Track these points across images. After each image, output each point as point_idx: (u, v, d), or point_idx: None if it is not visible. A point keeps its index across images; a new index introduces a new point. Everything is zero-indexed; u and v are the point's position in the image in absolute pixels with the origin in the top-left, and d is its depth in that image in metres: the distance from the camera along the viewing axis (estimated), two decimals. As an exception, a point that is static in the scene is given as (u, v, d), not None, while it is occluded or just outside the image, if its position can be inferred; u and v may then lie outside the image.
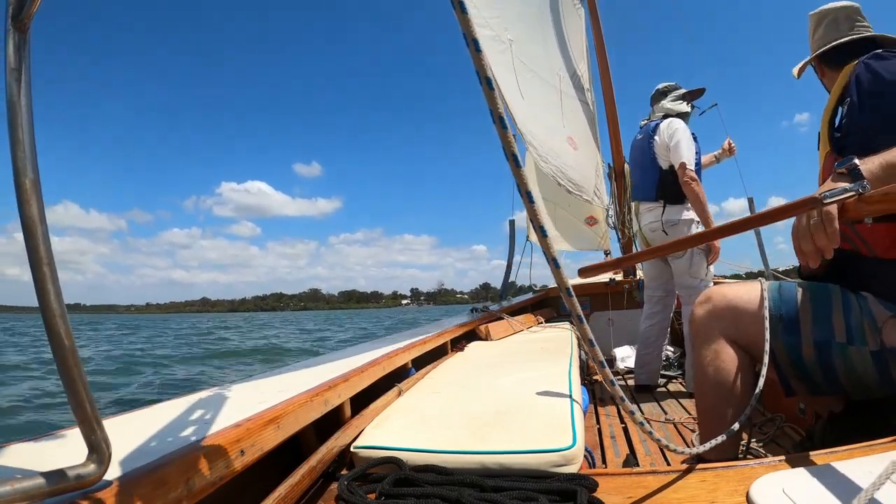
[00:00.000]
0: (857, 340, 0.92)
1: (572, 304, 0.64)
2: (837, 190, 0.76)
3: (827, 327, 0.95)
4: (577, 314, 0.65)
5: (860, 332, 0.92)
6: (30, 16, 0.33)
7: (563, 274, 0.62)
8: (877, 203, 0.74)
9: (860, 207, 0.76)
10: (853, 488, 0.56)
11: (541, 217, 0.59)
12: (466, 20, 0.49)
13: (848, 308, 0.95)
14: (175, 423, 0.63)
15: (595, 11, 3.73)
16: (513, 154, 0.55)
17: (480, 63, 0.51)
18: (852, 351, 0.92)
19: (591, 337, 0.67)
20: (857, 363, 0.92)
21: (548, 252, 0.61)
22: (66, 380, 0.36)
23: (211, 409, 0.70)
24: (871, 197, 0.74)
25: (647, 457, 1.60)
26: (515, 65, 2.36)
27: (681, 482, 0.67)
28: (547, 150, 2.37)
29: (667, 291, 2.63)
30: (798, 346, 0.96)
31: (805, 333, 0.96)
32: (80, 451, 0.39)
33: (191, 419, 0.65)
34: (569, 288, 0.63)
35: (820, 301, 0.98)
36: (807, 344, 0.96)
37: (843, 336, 0.93)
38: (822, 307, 0.97)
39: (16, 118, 0.33)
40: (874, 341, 0.90)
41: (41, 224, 0.34)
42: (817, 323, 0.96)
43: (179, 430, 0.60)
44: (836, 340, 0.93)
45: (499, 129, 0.54)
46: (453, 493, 0.62)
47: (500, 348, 1.84)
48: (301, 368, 1.07)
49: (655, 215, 2.53)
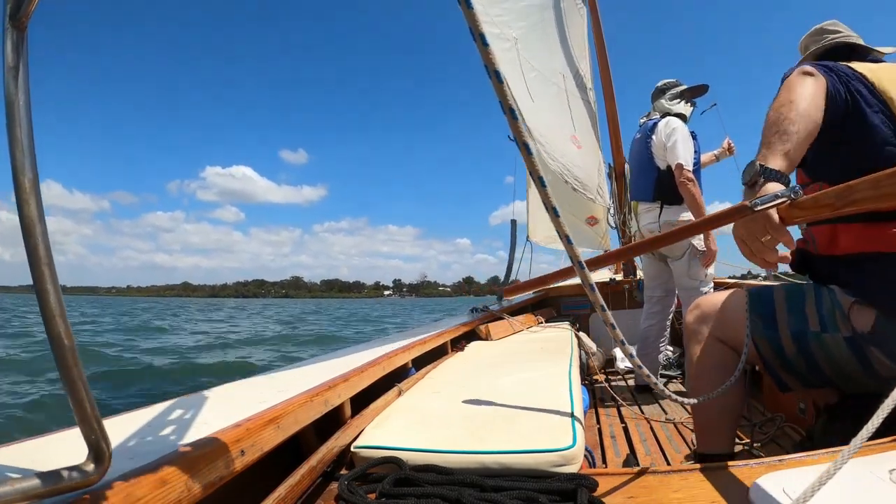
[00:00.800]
0: (829, 328, 0.97)
1: (585, 276, 0.67)
2: (768, 196, 0.78)
3: (801, 318, 1.02)
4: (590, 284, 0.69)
5: (832, 320, 0.97)
6: (27, 14, 0.33)
7: (575, 249, 0.64)
8: (808, 209, 0.78)
9: (792, 213, 0.80)
10: (853, 488, 0.56)
11: (553, 200, 0.61)
12: (472, 15, 0.49)
13: (819, 299, 1.01)
14: (175, 423, 0.63)
15: (596, 10, 3.73)
16: (524, 143, 0.56)
17: (489, 57, 0.51)
18: (827, 338, 0.98)
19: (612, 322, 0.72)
20: (833, 350, 0.97)
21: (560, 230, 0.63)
22: (66, 380, 0.36)
23: (211, 409, 0.70)
24: (803, 203, 0.77)
25: (648, 457, 1.60)
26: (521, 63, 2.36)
27: (681, 482, 0.67)
28: (553, 148, 2.37)
29: (666, 291, 2.63)
30: (778, 339, 1.04)
31: (782, 326, 1.03)
32: (80, 450, 0.39)
33: (191, 419, 0.65)
34: (581, 261, 0.65)
35: (794, 296, 1.06)
36: (785, 336, 1.03)
37: (817, 325, 0.99)
38: (796, 301, 1.04)
39: (14, 117, 0.33)
40: (846, 328, 0.95)
41: (40, 223, 0.34)
42: (792, 315, 1.03)
43: (179, 430, 0.60)
44: (810, 330, 1.00)
45: (510, 120, 0.55)
46: (453, 492, 0.62)
47: (501, 348, 1.84)
48: (301, 368, 1.07)
49: (653, 216, 2.52)
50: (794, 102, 0.90)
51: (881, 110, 0.93)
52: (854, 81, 0.95)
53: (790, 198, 0.78)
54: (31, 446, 0.55)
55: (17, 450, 0.53)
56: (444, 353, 1.72)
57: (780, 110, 0.90)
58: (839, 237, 0.98)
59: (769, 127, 0.90)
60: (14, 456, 0.50)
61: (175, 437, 0.57)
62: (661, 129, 2.44)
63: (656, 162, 2.47)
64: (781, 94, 0.93)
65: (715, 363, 1.11)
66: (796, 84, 0.93)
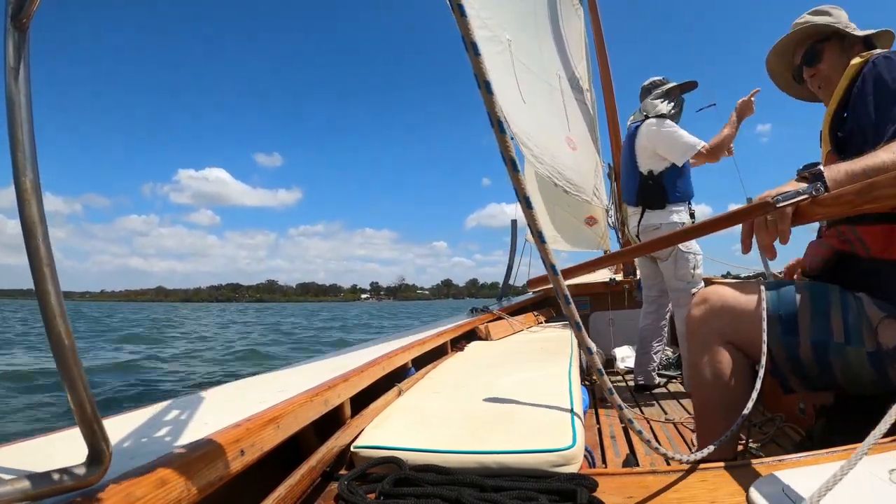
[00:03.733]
0: (854, 341, 0.91)
1: (570, 311, 0.64)
2: (790, 193, 0.78)
3: (825, 327, 0.94)
4: (576, 321, 0.65)
5: (857, 333, 0.91)
6: (29, 15, 0.33)
7: (561, 281, 0.62)
8: (829, 206, 0.75)
9: (813, 210, 0.78)
10: (853, 488, 0.56)
11: (539, 223, 0.58)
12: (465, 24, 0.49)
13: (846, 308, 0.94)
14: (175, 423, 0.63)
15: (595, 10, 3.73)
16: (511, 159, 0.54)
17: (479, 67, 0.50)
18: (850, 351, 0.91)
19: (589, 345, 0.67)
20: (853, 363, 0.92)
21: (546, 259, 0.60)
22: (66, 379, 0.36)
23: (211, 409, 0.70)
24: (824, 200, 0.76)
25: (647, 457, 1.60)
26: (514, 65, 2.36)
27: (681, 482, 0.67)
28: (542, 151, 2.37)
29: (661, 291, 2.64)
30: (796, 345, 0.96)
31: (803, 333, 0.95)
32: (80, 450, 0.39)
33: (190, 419, 0.65)
34: (567, 295, 0.62)
35: (819, 301, 0.97)
36: (805, 344, 0.95)
37: (841, 336, 0.92)
38: (821, 307, 0.96)
39: (15, 118, 0.33)
40: (871, 342, 0.89)
41: (41, 224, 0.34)
42: (815, 323, 0.95)
43: (179, 430, 0.60)
44: (833, 341, 0.93)
45: (497, 134, 0.53)
46: (453, 492, 0.62)
47: (500, 348, 1.84)
48: (301, 368, 1.07)
49: (636, 220, 2.55)
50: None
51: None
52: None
53: (811, 195, 0.77)
54: (30, 446, 0.55)
55: (17, 450, 0.53)
56: (444, 353, 1.72)
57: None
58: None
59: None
60: (13, 456, 0.50)
61: (174, 437, 0.57)
62: (643, 134, 2.45)
63: (639, 167, 2.48)
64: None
65: (723, 369, 1.01)
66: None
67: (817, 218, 0.79)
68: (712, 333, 1.03)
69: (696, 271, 2.44)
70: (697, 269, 2.45)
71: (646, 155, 2.45)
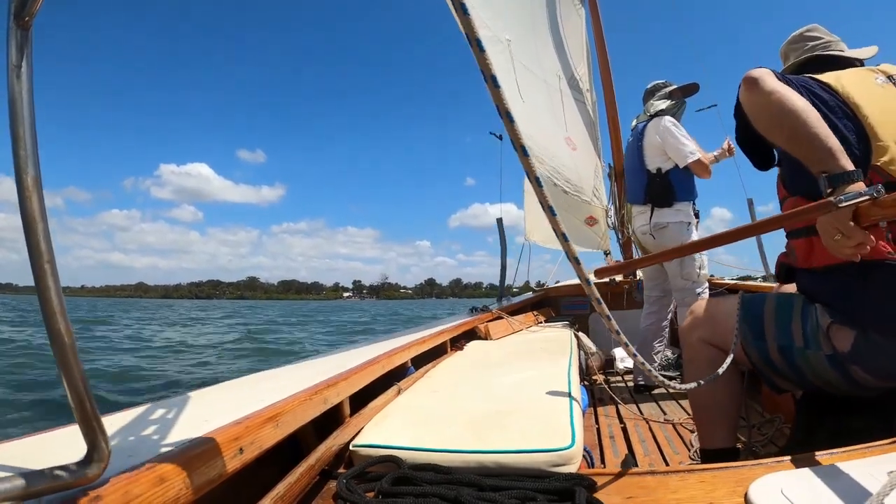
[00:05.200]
0: (812, 345, 1.00)
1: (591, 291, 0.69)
2: (852, 194, 0.78)
3: (787, 334, 1.05)
4: (596, 297, 0.71)
5: (815, 338, 1.00)
6: (32, 14, 0.33)
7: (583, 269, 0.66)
8: (889, 207, 0.76)
9: (873, 211, 0.79)
10: (852, 489, 0.56)
11: (550, 200, 0.62)
12: (468, 21, 0.49)
13: (806, 316, 1.03)
14: (174, 421, 0.63)
15: (596, 10, 3.73)
16: (521, 146, 0.57)
17: (485, 62, 0.51)
18: (810, 354, 1.01)
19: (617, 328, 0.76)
20: (816, 365, 1.00)
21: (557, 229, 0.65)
22: (66, 378, 0.36)
23: (210, 407, 0.70)
24: (884, 202, 0.76)
25: (646, 457, 1.60)
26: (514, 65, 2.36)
27: (679, 482, 0.67)
28: (542, 151, 2.38)
29: (664, 292, 2.64)
30: (766, 350, 1.07)
31: (770, 339, 1.07)
32: (79, 448, 0.39)
33: (190, 417, 0.65)
34: (588, 279, 0.67)
35: (783, 309, 1.08)
36: (772, 348, 1.06)
37: (801, 341, 1.02)
38: (784, 316, 1.07)
39: (17, 115, 0.33)
40: (827, 346, 0.98)
41: (42, 221, 0.34)
42: (779, 329, 1.06)
43: (178, 428, 0.60)
44: (795, 345, 1.03)
45: (506, 124, 0.56)
46: (452, 492, 0.62)
47: (500, 348, 1.84)
48: (300, 366, 1.07)
49: (644, 219, 2.55)
50: (790, 101, 0.88)
51: (844, 114, 0.94)
52: (816, 89, 0.96)
53: (873, 196, 0.77)
54: (29, 443, 0.55)
55: (16, 447, 0.53)
56: (444, 353, 1.72)
57: (791, 118, 0.87)
58: (815, 249, 0.99)
59: (797, 140, 0.87)
60: (12, 453, 0.50)
61: (173, 434, 0.57)
62: (651, 131, 2.47)
63: (647, 165, 2.50)
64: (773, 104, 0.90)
65: (708, 367, 1.12)
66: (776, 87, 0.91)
67: (875, 219, 0.80)
68: (698, 340, 1.19)
69: (701, 271, 2.45)
70: (703, 270, 2.46)
71: (655, 152, 2.46)
